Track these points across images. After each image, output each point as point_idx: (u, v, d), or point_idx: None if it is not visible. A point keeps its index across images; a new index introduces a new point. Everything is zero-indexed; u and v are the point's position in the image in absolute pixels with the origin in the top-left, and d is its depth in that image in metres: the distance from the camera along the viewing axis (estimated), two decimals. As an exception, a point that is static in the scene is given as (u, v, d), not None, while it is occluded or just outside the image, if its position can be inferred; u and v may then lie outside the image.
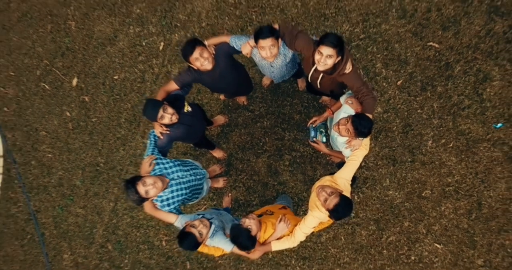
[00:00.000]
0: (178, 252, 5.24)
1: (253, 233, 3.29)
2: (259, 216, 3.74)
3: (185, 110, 3.73)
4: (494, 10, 4.69)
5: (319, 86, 3.77)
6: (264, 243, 3.52)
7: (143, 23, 5.55)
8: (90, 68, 5.66)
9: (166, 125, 3.56)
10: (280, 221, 3.52)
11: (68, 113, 5.67)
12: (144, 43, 5.52)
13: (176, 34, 5.43)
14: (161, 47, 5.46)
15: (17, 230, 5.83)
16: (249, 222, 3.33)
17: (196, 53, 3.42)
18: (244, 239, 3.25)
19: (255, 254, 3.53)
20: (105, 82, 5.59)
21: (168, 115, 3.44)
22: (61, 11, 5.85)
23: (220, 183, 5.11)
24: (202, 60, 3.47)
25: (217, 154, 5.18)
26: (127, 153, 5.45)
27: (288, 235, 3.52)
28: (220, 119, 5.20)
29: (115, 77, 5.56)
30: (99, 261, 5.50)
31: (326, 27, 5.00)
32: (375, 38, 4.92)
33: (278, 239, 3.53)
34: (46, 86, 5.79)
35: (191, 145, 5.09)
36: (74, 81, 5.69)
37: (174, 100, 3.64)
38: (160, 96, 3.66)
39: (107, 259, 5.48)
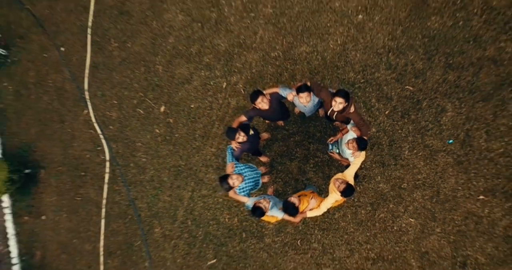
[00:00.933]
0: (237, 226, 7.89)
1: (296, 205, 5.91)
2: (298, 196, 6.39)
3: (250, 134, 6.37)
4: (448, 65, 7.34)
5: (334, 118, 6.41)
6: (302, 212, 6.14)
7: (211, 68, 8.21)
8: (173, 99, 8.33)
9: (239, 143, 6.19)
10: (311, 198, 6.17)
11: (157, 131, 8.34)
12: (211, 83, 8.19)
13: (235, 77, 8.08)
14: (224, 86, 8.12)
15: (120, 212, 8.49)
16: (294, 199, 5.95)
17: (259, 99, 6.03)
18: (291, 208, 5.85)
19: (297, 218, 6.15)
20: (184, 109, 8.25)
21: (241, 137, 6.06)
22: (151, 58, 8.53)
23: (266, 179, 7.75)
24: (263, 104, 6.08)
25: (263, 159, 7.83)
26: (200, 158, 8.10)
27: (316, 208, 6.15)
28: (265, 135, 7.84)
29: (192, 106, 8.23)
30: (181, 233, 8.16)
31: (338, 74, 7.65)
32: (371, 82, 7.57)
33: (310, 210, 6.16)
34: (141, 111, 8.46)
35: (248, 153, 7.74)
36: (162, 108, 8.36)
37: (244, 128, 6.27)
38: (235, 124, 6.27)
39: (187, 231, 8.14)
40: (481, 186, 7.06)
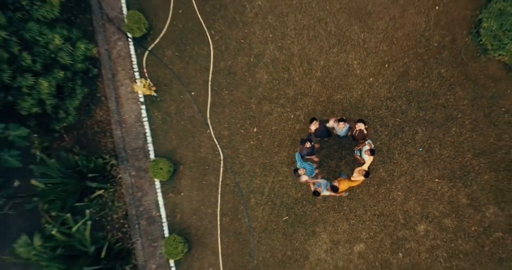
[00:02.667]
0: (300, 197, 14.30)
1: (337, 187, 12.37)
2: (338, 181, 12.90)
3: (312, 144, 12.88)
4: (420, 107, 13.76)
5: (356, 136, 12.87)
6: (340, 192, 12.60)
7: (284, 106, 14.64)
8: (261, 124, 14.76)
9: (306, 148, 12.65)
10: (344, 180, 12.67)
11: (251, 142, 14.79)
12: (284, 115, 14.61)
13: (298, 111, 14.52)
14: (291, 116, 14.55)
15: (230, 190, 14.89)
16: (335, 183, 12.41)
17: (313, 122, 12.47)
18: (335, 188, 12.33)
19: (337, 194, 12.64)
20: (268, 130, 14.71)
21: (308, 144, 12.51)
22: (248, 100, 14.97)
23: (317, 170, 14.21)
24: (315, 125, 12.49)
25: (316, 159, 14.29)
26: (278, 158, 14.54)
27: (346, 189, 12.62)
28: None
29: (272, 128, 14.67)
30: (266, 202, 14.59)
31: (358, 111, 14.07)
32: (377, 115, 13.97)
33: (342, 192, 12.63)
34: (242, 131, 14.90)
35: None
36: (255, 129, 14.81)
37: (309, 140, 12.75)
38: (306, 136, 12.76)
39: (270, 201, 14.57)
40: (436, 173, 13.54)
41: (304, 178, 12.18)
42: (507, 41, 12.06)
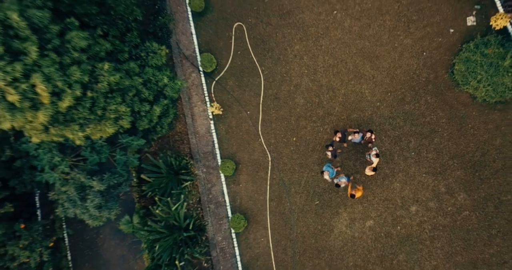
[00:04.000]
0: (326, 188, 20.48)
1: (354, 194, 18.55)
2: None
3: (333, 148, 19.12)
4: (412, 123, 19.92)
5: (366, 140, 19.08)
6: (356, 197, 18.78)
7: (315, 122, 20.86)
8: (299, 134, 20.98)
9: (330, 151, 18.86)
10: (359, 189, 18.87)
11: (291, 148, 21.01)
12: (315, 129, 20.83)
13: (326, 125, 20.73)
14: (321, 130, 20.76)
15: (276, 183, 21.13)
16: (353, 191, 18.62)
17: (338, 134, 18.69)
18: (352, 195, 18.51)
19: (356, 197, 18.84)
20: (304, 139, 20.91)
21: (331, 148, 18.75)
22: (289, 117, 21.18)
23: (339, 169, 20.39)
24: (338, 136, 18.72)
25: (338, 169, 20.48)
26: (311, 160, 20.72)
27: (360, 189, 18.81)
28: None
29: (307, 137, 20.88)
30: (302, 191, 20.78)
31: (369, 125, 20.23)
32: (382, 129, 20.15)
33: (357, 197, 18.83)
34: (284, 139, 21.14)
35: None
36: (294, 139, 21.02)
37: (330, 145, 18.99)
38: (329, 143, 18.99)
39: (306, 190, 20.74)
40: (423, 170, 19.65)
41: (326, 177, 18.44)
42: (471, 80, 18.15)
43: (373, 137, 18.37)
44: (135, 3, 17.89)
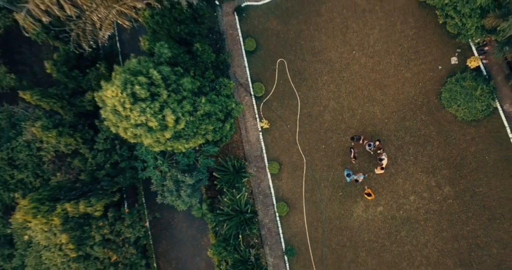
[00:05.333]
0: (346, 183, 28.13)
1: (370, 193, 26.21)
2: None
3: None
4: (413, 141, 27.56)
5: (376, 147, 26.77)
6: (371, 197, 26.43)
7: (339, 133, 28.54)
8: (330, 145, 28.65)
9: (351, 152, 26.53)
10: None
11: (321, 153, 28.71)
12: (337, 141, 28.50)
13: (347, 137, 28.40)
14: (344, 140, 28.42)
15: (310, 181, 28.80)
16: (368, 191, 26.28)
17: (354, 140, 26.41)
18: (368, 194, 26.21)
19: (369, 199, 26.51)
20: (329, 153, 28.58)
21: (353, 151, 26.44)
22: (319, 139, 28.89)
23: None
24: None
25: (354, 161, 28.15)
26: (337, 162, 28.44)
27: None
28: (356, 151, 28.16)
29: (322, 146, 28.55)
30: (328, 188, 28.47)
31: (381, 138, 27.84)
32: (389, 140, 27.79)
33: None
34: (318, 147, 28.84)
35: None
36: (323, 146, 28.69)
37: (352, 147, 26.67)
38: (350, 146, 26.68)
39: (331, 186, 28.45)
40: (419, 170, 27.28)
41: (348, 178, 26.07)
42: (453, 104, 25.67)
43: (377, 144, 25.91)
44: (212, 51, 25.58)
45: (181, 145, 22.33)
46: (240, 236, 26.61)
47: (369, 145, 26.21)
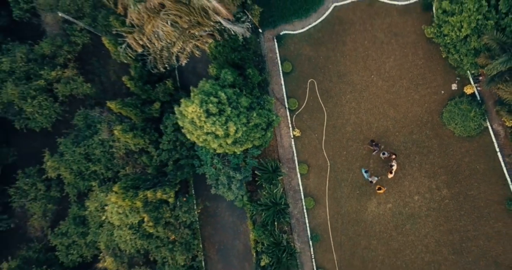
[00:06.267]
0: (364, 182, 34.85)
1: (382, 188, 32.94)
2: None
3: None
4: (418, 151, 34.24)
5: (389, 155, 33.54)
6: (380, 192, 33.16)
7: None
8: (349, 149, 35.43)
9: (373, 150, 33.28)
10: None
11: (343, 158, 35.48)
12: (362, 146, 35.27)
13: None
14: (364, 152, 35.17)
15: (335, 181, 35.57)
16: (380, 188, 33.04)
17: (372, 144, 33.14)
18: (380, 189, 33.00)
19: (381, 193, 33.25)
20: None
21: (374, 153, 33.21)
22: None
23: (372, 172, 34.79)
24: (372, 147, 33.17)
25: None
26: (356, 167, 35.20)
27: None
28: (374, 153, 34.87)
29: (344, 153, 35.33)
30: (346, 186, 35.21)
31: (393, 148, 34.55)
32: (399, 150, 34.52)
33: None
34: (344, 152, 35.63)
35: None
36: (344, 152, 35.48)
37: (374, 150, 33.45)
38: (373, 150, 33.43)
39: (350, 185, 35.20)
40: (422, 175, 33.97)
41: (365, 175, 32.80)
42: (451, 123, 32.16)
43: (393, 157, 32.56)
44: (260, 73, 32.46)
45: (236, 148, 29.16)
46: (275, 223, 33.38)
47: (383, 153, 32.85)
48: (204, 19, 26.82)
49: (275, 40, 37.02)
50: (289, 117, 36.24)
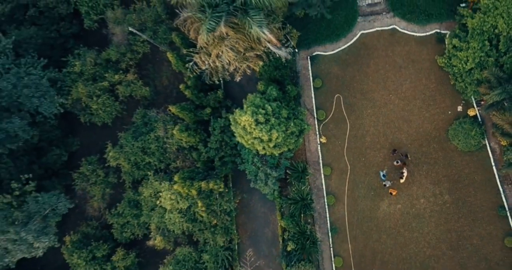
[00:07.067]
0: (379, 184, 41.58)
1: (392, 192, 39.67)
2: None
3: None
4: (426, 161, 40.92)
5: (403, 164, 40.29)
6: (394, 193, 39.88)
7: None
8: (367, 156, 42.21)
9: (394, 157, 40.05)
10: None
11: (361, 163, 42.29)
12: (378, 154, 42.03)
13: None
14: (380, 160, 41.94)
15: (350, 188, 42.37)
16: (393, 190, 39.78)
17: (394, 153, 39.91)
18: (391, 193, 39.76)
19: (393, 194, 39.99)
20: (370, 173, 42.14)
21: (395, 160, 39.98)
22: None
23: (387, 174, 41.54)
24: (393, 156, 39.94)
25: (388, 182, 41.65)
26: (374, 171, 41.97)
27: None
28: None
29: (362, 159, 42.11)
30: (362, 187, 41.97)
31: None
32: (411, 160, 41.23)
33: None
34: (363, 159, 42.45)
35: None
36: (363, 159, 42.26)
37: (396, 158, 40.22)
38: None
39: (366, 187, 41.98)
40: (429, 181, 40.64)
41: (383, 178, 39.57)
42: (455, 139, 38.74)
43: (404, 168, 39.20)
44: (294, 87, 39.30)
45: (275, 151, 36.01)
46: (301, 215, 40.27)
47: (397, 162, 39.57)
48: (257, 45, 33.63)
49: (309, 60, 43.75)
50: (317, 126, 42.97)
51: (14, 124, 36.78)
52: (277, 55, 37.14)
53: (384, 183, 39.40)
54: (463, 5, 36.78)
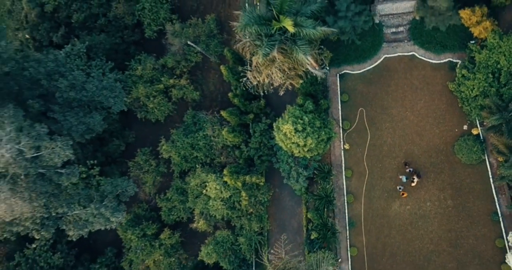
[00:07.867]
0: (394, 187, 49.37)
1: (404, 196, 47.48)
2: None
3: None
4: (435, 170, 48.65)
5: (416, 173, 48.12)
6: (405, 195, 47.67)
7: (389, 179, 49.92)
8: (384, 163, 50.07)
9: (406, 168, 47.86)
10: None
11: (378, 169, 50.15)
12: (393, 162, 49.87)
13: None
14: (394, 167, 49.75)
15: (368, 189, 50.25)
16: (404, 193, 47.59)
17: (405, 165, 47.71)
18: (403, 193, 47.55)
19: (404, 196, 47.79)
20: (384, 179, 49.99)
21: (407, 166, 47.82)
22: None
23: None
24: (405, 168, 47.74)
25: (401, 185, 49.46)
26: (389, 175, 49.81)
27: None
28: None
29: (379, 165, 49.96)
30: (376, 188, 49.81)
31: (418, 168, 49.02)
32: (420, 168, 48.99)
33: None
34: (380, 165, 50.33)
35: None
36: (380, 165, 50.10)
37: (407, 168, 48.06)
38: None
39: (381, 189, 49.82)
40: (436, 187, 48.33)
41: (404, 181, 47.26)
42: (459, 154, 46.38)
43: (416, 178, 46.96)
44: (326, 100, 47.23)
45: (308, 154, 43.86)
46: (324, 209, 48.28)
47: (410, 171, 47.39)
48: (299, 66, 41.65)
49: (338, 77, 51.49)
50: (341, 134, 50.79)
51: (95, 119, 45.00)
52: (314, 74, 44.98)
53: (398, 186, 47.05)
54: (473, 41, 44.34)
